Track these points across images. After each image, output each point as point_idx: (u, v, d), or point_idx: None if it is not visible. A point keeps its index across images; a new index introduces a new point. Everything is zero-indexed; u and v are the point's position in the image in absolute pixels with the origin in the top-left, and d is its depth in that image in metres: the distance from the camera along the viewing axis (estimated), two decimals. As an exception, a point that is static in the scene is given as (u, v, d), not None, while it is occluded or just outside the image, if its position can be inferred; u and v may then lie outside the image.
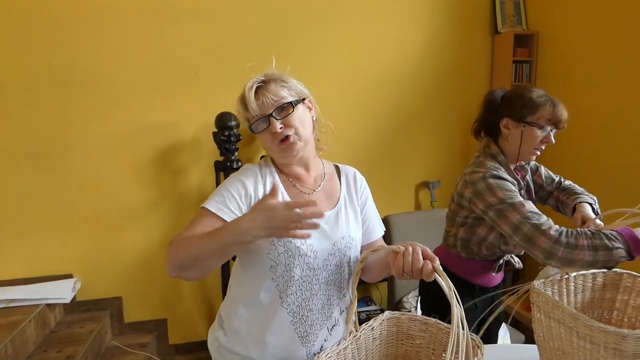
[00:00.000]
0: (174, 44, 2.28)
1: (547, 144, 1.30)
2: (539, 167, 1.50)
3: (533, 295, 0.95)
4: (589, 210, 1.31)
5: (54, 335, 2.07)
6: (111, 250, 2.33)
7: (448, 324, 0.68)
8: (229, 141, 2.24)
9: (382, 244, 1.11)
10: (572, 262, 1.06)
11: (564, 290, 1.05)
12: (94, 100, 2.22)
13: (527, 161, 1.39)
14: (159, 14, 2.24)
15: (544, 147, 1.31)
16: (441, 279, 0.73)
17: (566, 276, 1.06)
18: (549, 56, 2.59)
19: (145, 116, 2.29)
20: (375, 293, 2.80)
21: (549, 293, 1.01)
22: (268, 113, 0.94)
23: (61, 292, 2.14)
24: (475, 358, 0.76)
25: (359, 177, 1.12)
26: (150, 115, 2.30)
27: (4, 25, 2.08)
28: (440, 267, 0.77)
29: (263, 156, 1.12)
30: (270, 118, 0.94)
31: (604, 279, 1.08)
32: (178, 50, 2.29)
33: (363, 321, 0.92)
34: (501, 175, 1.24)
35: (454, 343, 0.63)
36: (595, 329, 0.78)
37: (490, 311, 1.26)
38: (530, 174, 1.47)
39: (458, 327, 0.65)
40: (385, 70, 2.61)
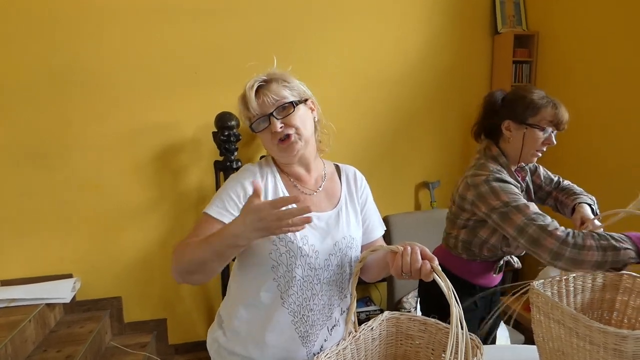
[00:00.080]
0: (174, 44, 2.28)
1: (549, 146, 1.29)
2: (538, 168, 1.49)
3: (533, 295, 0.94)
4: (588, 211, 1.31)
5: (53, 335, 2.07)
6: (111, 250, 2.33)
7: (448, 324, 0.68)
8: (228, 141, 2.24)
9: (382, 243, 1.10)
10: (581, 263, 1.04)
11: (564, 291, 1.04)
12: (94, 100, 2.22)
13: (529, 163, 1.38)
14: (159, 14, 2.25)
15: (545, 149, 1.30)
16: (440, 279, 0.73)
17: (566, 277, 1.06)
18: (549, 56, 2.58)
19: (145, 116, 2.30)
20: (374, 293, 2.80)
21: (548, 294, 1.01)
22: (268, 112, 0.94)
23: (61, 292, 2.14)
24: (475, 358, 0.76)
25: (359, 177, 1.12)
26: (150, 115, 2.30)
27: (4, 25, 2.08)
28: (439, 267, 0.77)
29: (263, 156, 1.12)
30: (271, 117, 0.94)
31: (604, 280, 1.08)
32: (178, 50, 2.29)
33: (363, 321, 0.92)
34: (504, 178, 1.23)
35: (453, 343, 0.63)
36: (595, 330, 0.78)
37: (490, 311, 1.26)
38: (530, 174, 1.47)
39: (457, 327, 0.65)
40: (385, 70, 2.61)
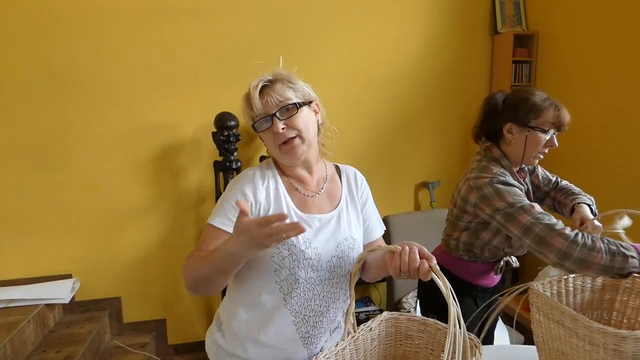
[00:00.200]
0: (174, 44, 2.28)
1: (551, 148, 1.28)
2: (536, 168, 1.49)
3: (532, 296, 0.94)
4: (587, 211, 1.31)
5: (53, 335, 2.07)
6: (110, 250, 2.33)
7: (447, 324, 0.67)
8: (228, 141, 2.24)
9: (382, 243, 1.10)
10: (589, 265, 1.02)
11: (563, 291, 1.04)
12: (94, 100, 2.22)
13: (530, 165, 1.37)
14: (159, 14, 2.25)
15: (547, 151, 1.29)
16: (438, 278, 0.73)
17: (565, 277, 1.05)
18: (548, 56, 2.58)
19: (145, 116, 2.30)
20: (374, 293, 2.79)
21: (548, 294, 1.01)
22: (271, 113, 0.93)
23: (60, 292, 2.14)
24: (474, 358, 0.76)
25: (360, 177, 1.12)
26: (150, 115, 2.30)
27: (4, 25, 2.08)
28: (437, 267, 0.77)
29: (263, 156, 1.12)
30: (274, 118, 0.93)
31: (604, 280, 1.07)
32: (178, 50, 2.29)
33: (362, 322, 0.92)
34: (508, 181, 1.23)
35: (450, 342, 0.62)
36: (595, 330, 0.78)
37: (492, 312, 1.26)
38: (528, 174, 1.46)
39: (455, 327, 0.64)
40: (385, 70, 2.61)
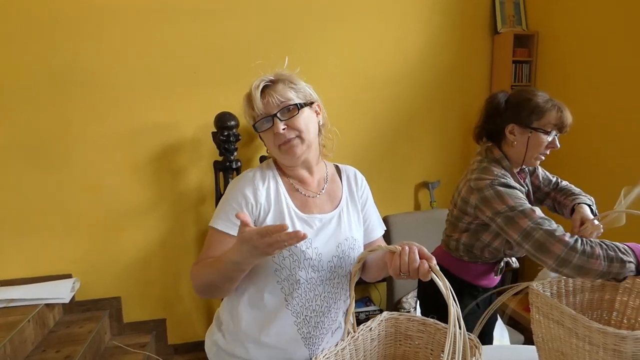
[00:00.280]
0: (174, 44, 2.28)
1: (552, 149, 1.28)
2: (537, 169, 1.49)
3: (532, 296, 0.94)
4: (587, 212, 1.30)
5: (52, 335, 2.07)
6: (110, 250, 2.33)
7: (447, 324, 0.67)
8: (228, 141, 2.24)
9: (382, 243, 1.10)
10: (587, 271, 1.02)
11: (563, 291, 1.04)
12: (94, 100, 2.22)
13: (532, 166, 1.37)
14: (159, 14, 2.24)
15: (549, 152, 1.29)
16: (437, 279, 0.73)
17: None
18: (548, 56, 2.58)
19: (145, 116, 2.30)
20: (374, 293, 2.79)
21: (547, 294, 1.01)
22: (273, 113, 0.93)
23: (60, 292, 2.14)
24: (473, 358, 0.76)
25: (360, 177, 1.12)
26: (150, 115, 2.30)
27: (4, 25, 2.08)
28: (437, 267, 0.77)
29: (263, 156, 1.12)
30: (274, 118, 0.93)
31: (603, 280, 1.07)
32: (178, 50, 2.29)
33: (362, 322, 0.92)
34: (509, 183, 1.22)
35: (450, 342, 0.62)
36: (595, 330, 0.78)
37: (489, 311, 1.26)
38: (528, 175, 1.46)
39: (455, 327, 0.64)
40: (385, 70, 2.61)
